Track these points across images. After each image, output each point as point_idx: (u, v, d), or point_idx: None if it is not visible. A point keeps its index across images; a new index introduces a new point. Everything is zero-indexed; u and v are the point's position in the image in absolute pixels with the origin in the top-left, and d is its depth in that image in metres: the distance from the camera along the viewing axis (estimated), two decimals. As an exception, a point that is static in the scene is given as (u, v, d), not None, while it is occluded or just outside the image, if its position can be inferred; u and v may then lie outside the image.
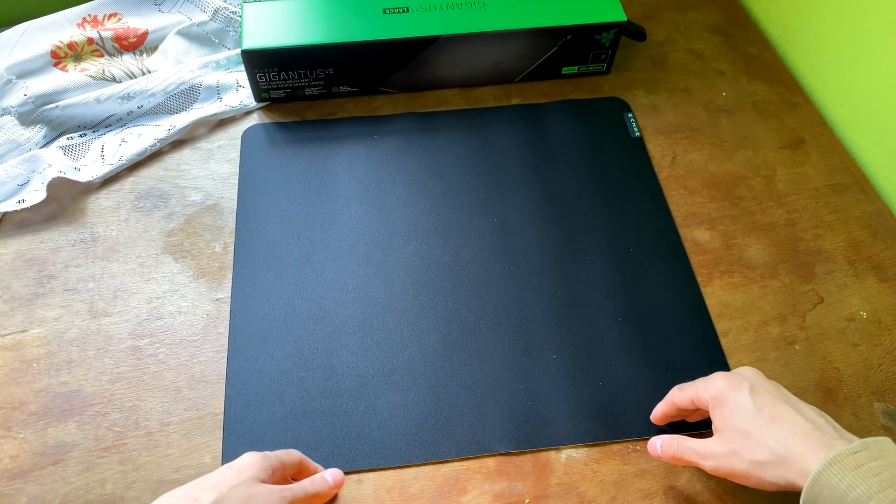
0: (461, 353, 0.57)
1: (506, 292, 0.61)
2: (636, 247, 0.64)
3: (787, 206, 0.68)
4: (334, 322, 0.59)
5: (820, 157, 0.71)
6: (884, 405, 0.56)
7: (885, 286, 0.62)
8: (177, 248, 0.63)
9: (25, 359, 0.56)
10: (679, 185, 0.69)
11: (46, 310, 0.59)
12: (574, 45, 0.73)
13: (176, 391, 0.55)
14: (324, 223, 0.65)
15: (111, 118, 0.71)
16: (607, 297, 0.61)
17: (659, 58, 0.80)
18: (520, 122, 0.73)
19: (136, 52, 0.76)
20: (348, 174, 0.69)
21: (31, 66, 0.72)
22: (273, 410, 0.54)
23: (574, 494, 0.51)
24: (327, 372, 0.56)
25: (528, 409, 0.55)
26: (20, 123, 0.68)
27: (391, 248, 0.63)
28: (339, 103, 0.75)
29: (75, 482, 0.51)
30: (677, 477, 0.52)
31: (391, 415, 0.54)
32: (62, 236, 0.64)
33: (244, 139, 0.71)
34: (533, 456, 0.53)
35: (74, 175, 0.66)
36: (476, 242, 0.64)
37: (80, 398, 0.55)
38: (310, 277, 0.61)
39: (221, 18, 0.77)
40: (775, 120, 0.75)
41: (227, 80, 0.74)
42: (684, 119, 0.74)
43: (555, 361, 0.57)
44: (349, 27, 0.70)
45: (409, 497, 0.51)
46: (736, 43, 0.82)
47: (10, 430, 0.53)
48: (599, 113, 0.74)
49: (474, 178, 0.69)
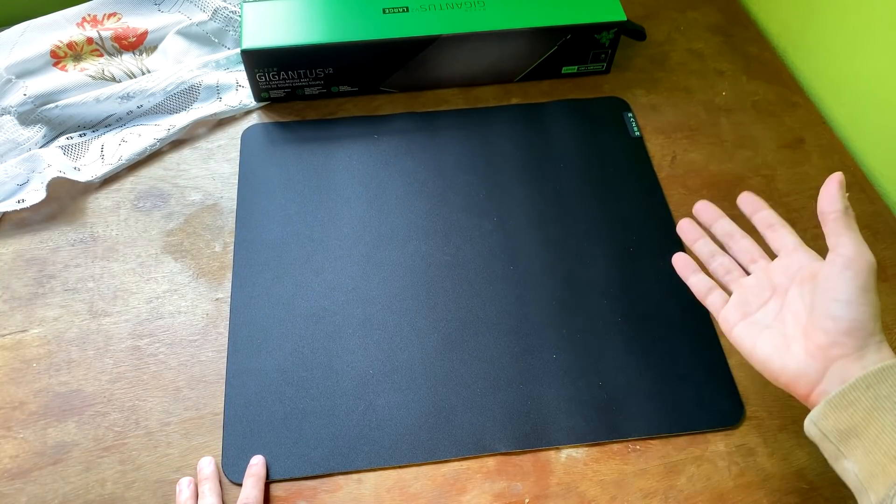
0: (461, 353, 0.57)
1: (506, 292, 0.61)
2: (636, 247, 0.64)
3: (787, 205, 0.68)
4: (334, 322, 0.59)
5: (820, 157, 0.71)
6: (884, 405, 0.56)
7: (885, 286, 0.62)
8: (176, 248, 0.63)
9: (25, 359, 0.56)
10: (679, 185, 0.69)
11: (46, 310, 0.59)
12: (574, 45, 0.73)
13: (176, 391, 0.55)
14: (323, 223, 0.65)
15: (111, 118, 0.71)
16: (607, 297, 0.61)
17: (659, 57, 0.80)
18: (520, 121, 0.73)
19: (136, 52, 0.76)
20: (348, 174, 0.69)
21: (30, 65, 0.72)
22: (273, 410, 0.54)
23: (574, 494, 0.51)
24: (327, 372, 0.56)
25: (528, 408, 0.55)
26: (20, 123, 0.68)
27: (391, 247, 0.63)
28: (339, 103, 0.75)
29: (75, 482, 0.51)
30: (677, 477, 0.52)
31: (391, 414, 0.54)
32: (62, 236, 0.64)
33: (244, 139, 0.71)
34: (533, 455, 0.53)
35: (74, 175, 0.66)
36: (476, 242, 0.64)
37: (80, 398, 0.55)
38: (309, 277, 0.61)
39: (221, 18, 0.77)
40: (775, 120, 0.75)
41: (227, 80, 0.74)
42: (684, 119, 0.74)
43: (555, 361, 0.57)
44: (349, 27, 0.70)
45: (409, 497, 0.51)
46: (736, 43, 0.82)
47: (10, 430, 0.53)
48: (599, 112, 0.74)
49: (474, 178, 0.69)
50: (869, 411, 0.37)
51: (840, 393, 0.38)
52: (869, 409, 0.37)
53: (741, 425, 0.54)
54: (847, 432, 0.38)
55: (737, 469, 0.52)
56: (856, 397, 0.38)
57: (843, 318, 0.39)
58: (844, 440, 0.38)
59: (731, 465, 0.53)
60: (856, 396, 0.38)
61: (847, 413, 0.38)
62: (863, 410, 0.38)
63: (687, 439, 0.54)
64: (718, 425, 0.54)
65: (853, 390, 0.38)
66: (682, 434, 0.54)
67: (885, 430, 0.36)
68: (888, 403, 0.37)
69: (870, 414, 0.37)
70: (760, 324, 0.43)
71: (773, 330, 0.42)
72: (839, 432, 0.38)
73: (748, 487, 0.52)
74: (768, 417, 0.55)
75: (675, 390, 0.56)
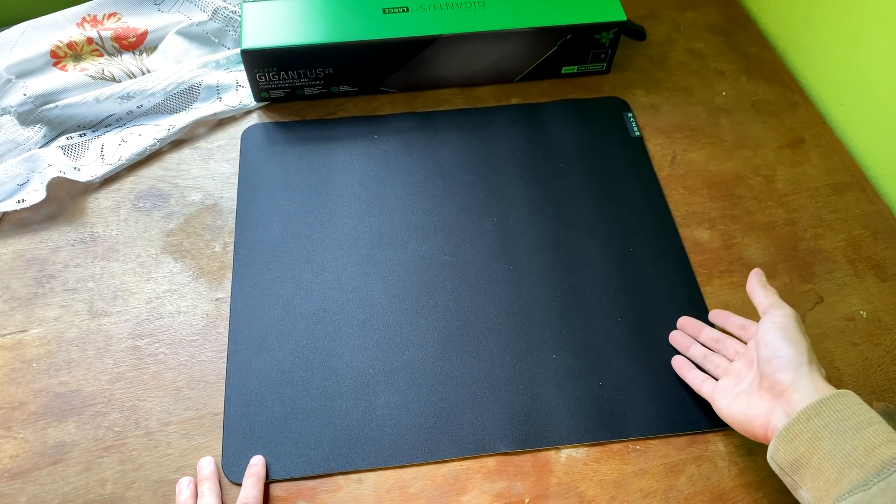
0: (461, 353, 0.57)
1: (506, 292, 0.61)
2: (636, 247, 0.64)
3: (787, 205, 0.68)
4: (334, 322, 0.59)
5: (820, 157, 0.71)
6: (883, 404, 0.56)
7: (885, 286, 0.62)
8: (176, 248, 0.63)
9: (25, 359, 0.56)
10: (679, 185, 0.69)
11: (46, 310, 0.59)
12: (574, 45, 0.73)
13: (176, 391, 0.55)
14: (324, 223, 0.65)
15: (111, 118, 0.71)
16: (607, 297, 0.61)
17: (659, 57, 0.80)
18: (519, 121, 0.73)
19: (136, 52, 0.76)
20: (348, 174, 0.69)
21: (30, 65, 0.72)
22: (273, 410, 0.54)
23: (574, 494, 0.51)
24: (327, 372, 0.56)
25: (528, 408, 0.55)
26: (20, 123, 0.68)
27: (391, 247, 0.63)
28: (339, 103, 0.75)
29: (75, 482, 0.51)
30: (677, 477, 0.52)
31: (391, 415, 0.54)
32: (62, 236, 0.64)
33: (244, 139, 0.71)
34: (533, 455, 0.53)
35: (74, 175, 0.66)
36: (476, 242, 0.64)
37: (80, 398, 0.55)
38: (310, 277, 0.61)
39: (221, 18, 0.77)
40: (775, 119, 0.75)
41: (227, 80, 0.74)
42: (684, 119, 0.74)
43: (555, 361, 0.57)
44: (349, 27, 0.70)
45: (409, 497, 0.51)
46: (736, 42, 0.82)
47: (10, 430, 0.53)
48: (599, 112, 0.74)
49: (474, 178, 0.69)
50: (811, 441, 0.42)
51: (785, 427, 0.43)
52: (811, 439, 0.42)
53: (741, 425, 0.54)
54: (796, 463, 0.42)
55: (737, 469, 0.52)
56: (799, 430, 0.43)
57: (772, 359, 0.46)
58: (796, 470, 0.42)
59: (731, 465, 0.53)
60: (799, 429, 0.43)
61: (793, 445, 0.43)
62: (806, 441, 0.42)
63: (687, 439, 0.54)
64: (718, 425, 0.54)
65: (796, 423, 0.43)
66: (682, 434, 0.54)
67: (825, 457, 0.41)
68: (825, 432, 0.41)
69: (812, 444, 0.42)
70: (739, 391, 0.49)
71: (745, 393, 0.49)
72: (790, 464, 0.43)
73: (748, 487, 0.52)
74: (768, 417, 0.55)
75: (675, 390, 0.56)
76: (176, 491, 0.50)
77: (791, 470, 0.43)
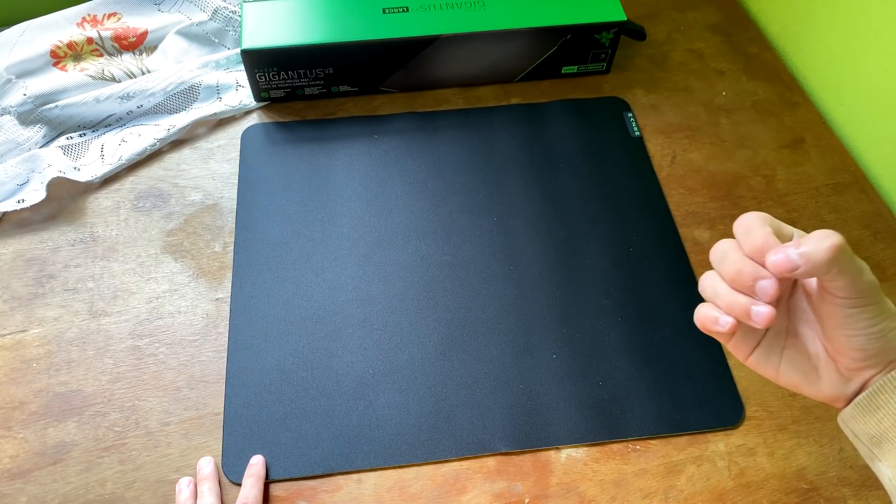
0: (461, 353, 0.57)
1: (505, 292, 0.61)
2: (636, 247, 0.64)
3: (787, 205, 0.68)
4: (334, 322, 0.59)
5: (820, 157, 0.71)
6: None
7: (885, 286, 0.62)
8: (176, 248, 0.63)
9: (25, 359, 0.56)
10: (679, 185, 0.69)
11: (46, 310, 0.59)
12: (574, 45, 0.73)
13: (176, 391, 0.55)
14: (323, 223, 0.65)
15: (111, 118, 0.71)
16: (607, 297, 0.61)
17: (659, 57, 0.80)
18: (520, 121, 0.73)
19: (136, 52, 0.76)
20: (348, 174, 0.69)
21: (30, 65, 0.72)
22: (273, 410, 0.54)
23: (574, 494, 0.51)
24: (327, 372, 0.56)
25: (528, 408, 0.55)
26: (20, 123, 0.68)
27: (391, 247, 0.63)
28: (339, 103, 0.75)
29: (75, 482, 0.51)
30: (677, 477, 0.52)
31: (391, 414, 0.54)
32: (62, 236, 0.64)
33: (244, 139, 0.71)
34: (533, 455, 0.53)
35: (74, 175, 0.66)
36: (476, 242, 0.64)
37: (80, 398, 0.55)
38: (310, 277, 0.61)
39: (221, 18, 0.77)
40: (775, 119, 0.75)
41: (227, 80, 0.74)
42: (684, 119, 0.74)
43: (555, 361, 0.57)
44: (349, 27, 0.70)
45: (409, 497, 0.51)
46: (736, 43, 0.82)
47: (10, 430, 0.53)
48: (599, 112, 0.74)
49: (474, 178, 0.69)
50: None
51: (868, 395, 0.37)
52: None
53: (741, 425, 0.54)
54: (878, 437, 0.37)
55: (737, 469, 0.52)
56: (884, 400, 0.37)
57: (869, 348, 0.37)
58: (877, 444, 0.37)
59: (731, 465, 0.53)
60: (884, 399, 0.37)
61: (876, 417, 0.37)
62: (892, 415, 0.36)
63: (687, 439, 0.54)
64: (718, 425, 0.54)
65: (881, 392, 0.37)
66: (682, 434, 0.54)
67: None
68: None
69: None
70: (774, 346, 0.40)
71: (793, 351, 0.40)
72: (870, 437, 0.38)
73: (748, 487, 0.52)
74: (768, 417, 0.55)
75: (675, 390, 0.56)
76: (176, 491, 0.50)
77: (871, 443, 0.37)
